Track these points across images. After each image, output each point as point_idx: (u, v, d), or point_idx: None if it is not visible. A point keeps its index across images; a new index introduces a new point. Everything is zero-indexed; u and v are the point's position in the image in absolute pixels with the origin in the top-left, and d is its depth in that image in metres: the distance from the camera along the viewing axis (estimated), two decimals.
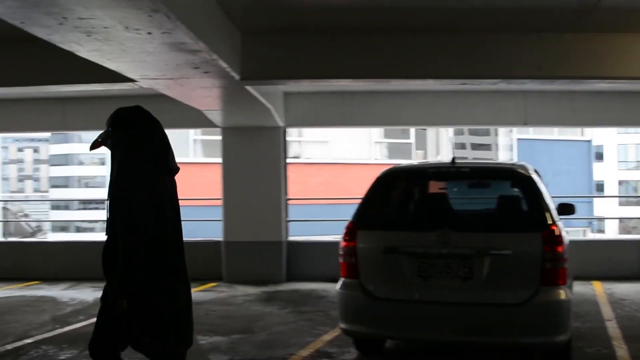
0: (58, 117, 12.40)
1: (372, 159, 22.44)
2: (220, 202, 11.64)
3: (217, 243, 11.64)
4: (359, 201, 6.02)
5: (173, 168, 3.94)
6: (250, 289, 10.48)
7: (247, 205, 11.32)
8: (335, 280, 6.35)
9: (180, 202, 4.06)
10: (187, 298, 4.03)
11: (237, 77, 7.02)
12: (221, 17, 6.43)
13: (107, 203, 3.85)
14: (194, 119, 10.74)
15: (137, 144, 3.78)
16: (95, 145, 4.02)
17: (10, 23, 4.42)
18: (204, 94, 7.89)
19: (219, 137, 11.75)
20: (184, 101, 8.53)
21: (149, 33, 4.71)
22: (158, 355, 3.94)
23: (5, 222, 47.48)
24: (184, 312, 3.95)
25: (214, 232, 11.99)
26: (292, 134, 19.95)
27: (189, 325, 3.97)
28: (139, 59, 5.56)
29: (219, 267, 11.41)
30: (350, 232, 5.73)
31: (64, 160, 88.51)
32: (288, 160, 11.95)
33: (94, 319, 8.07)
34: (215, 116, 10.20)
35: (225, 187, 11.55)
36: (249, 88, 7.62)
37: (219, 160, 11.74)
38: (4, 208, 52.18)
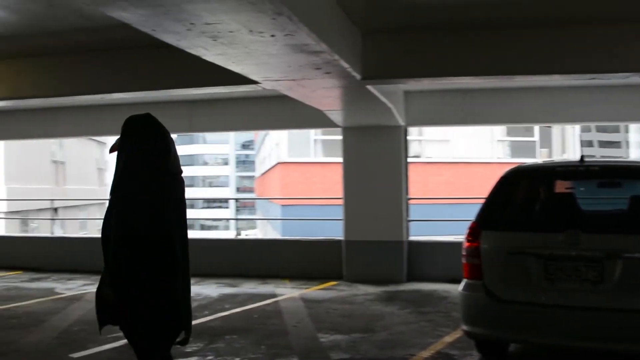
0: (185, 120, 12.87)
1: (495, 158, 21.91)
2: (340, 202, 11.71)
3: (337, 242, 11.72)
4: (482, 201, 5.88)
5: (172, 171, 4.11)
6: (370, 288, 10.49)
7: (368, 204, 11.32)
8: (456, 281, 6.25)
9: (300, 202, 4.20)
10: (184, 293, 4.29)
11: (358, 76, 7.03)
12: (341, 18, 6.46)
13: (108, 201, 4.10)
14: (315, 119, 10.86)
15: (139, 149, 4.00)
16: (112, 150, 4.18)
17: (141, 31, 4.62)
18: (325, 95, 7.95)
19: (340, 137, 11.82)
20: (305, 101, 8.63)
21: (272, 36, 4.79)
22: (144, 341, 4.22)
23: None
24: (178, 306, 4.16)
25: (334, 231, 12.07)
26: (413, 133, 19.79)
27: (179, 318, 4.18)
28: (262, 61, 5.67)
29: (339, 266, 11.49)
30: (474, 232, 5.61)
31: (189, 160, 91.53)
32: (409, 160, 11.86)
33: (219, 314, 8.35)
34: (336, 116, 10.27)
35: (346, 187, 11.60)
36: (369, 87, 7.61)
37: (340, 159, 11.80)
38: None
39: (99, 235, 4.24)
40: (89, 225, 33.50)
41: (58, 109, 13.30)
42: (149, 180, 3.99)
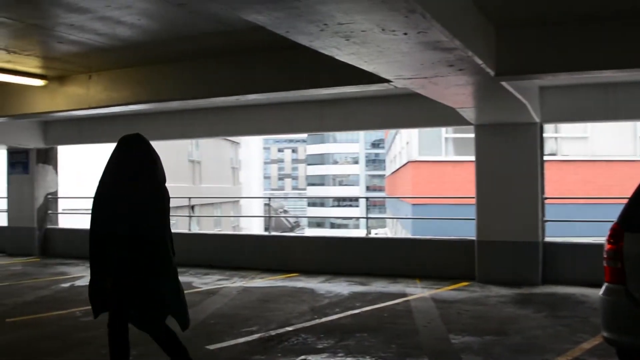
0: (316, 119, 13.04)
1: (638, 156, 20.73)
2: (473, 201, 11.48)
3: (469, 242, 11.50)
4: (624, 201, 5.57)
5: (160, 180, 5.16)
6: (503, 290, 10.21)
7: (502, 204, 11.03)
8: (595, 285, 5.97)
9: (431, 201, 4.19)
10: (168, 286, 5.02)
11: (491, 73, 6.85)
12: (474, 12, 6.32)
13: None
14: (447, 116, 10.71)
15: (129, 162, 5.05)
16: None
17: (274, 33, 4.71)
18: (457, 92, 7.80)
19: (471, 135, 11.59)
20: (437, 99, 8.51)
21: (405, 34, 4.75)
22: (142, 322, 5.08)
23: (267, 217, 51.03)
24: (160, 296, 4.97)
25: (466, 231, 11.86)
26: (549, 130, 19.08)
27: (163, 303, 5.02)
28: (395, 59, 5.63)
29: (471, 267, 11.26)
30: (616, 234, 5.32)
31: (319, 159, 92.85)
32: (544, 158, 11.44)
33: (349, 312, 8.38)
34: (469, 113, 10.07)
35: (479, 186, 11.35)
36: (504, 84, 7.40)
37: (472, 158, 11.57)
38: (266, 204, 56.02)
39: (233, 233, 4.51)
40: (223, 223, 34.67)
41: (195, 111, 13.85)
42: (135, 188, 4.91)
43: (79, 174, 25.32)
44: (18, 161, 16.29)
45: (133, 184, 4.94)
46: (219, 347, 6.98)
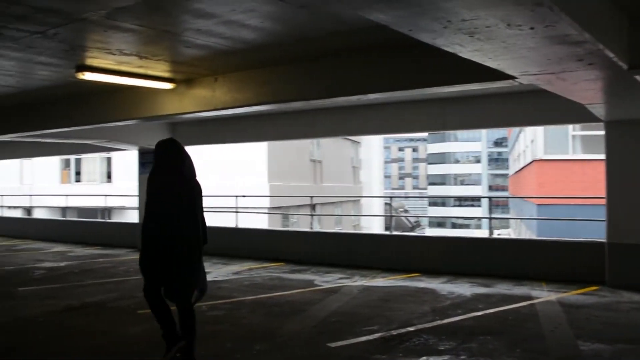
0: (438, 118, 12.87)
1: None
2: (603, 201, 10.97)
3: (599, 245, 10.99)
4: None
5: (187, 176, 6.09)
6: (636, 296, 9.70)
7: (636, 204, 10.48)
8: None
9: (557, 201, 4.03)
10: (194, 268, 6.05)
11: (624, 66, 6.51)
12: (605, 3, 6.03)
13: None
14: (574, 113, 10.27)
15: (162, 162, 6.08)
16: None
17: (395, 31, 4.67)
18: (586, 87, 7.47)
19: (602, 132, 11.08)
20: (564, 95, 8.18)
21: (532, 28, 4.59)
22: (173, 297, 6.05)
23: (388, 217, 50.91)
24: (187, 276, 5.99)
25: (595, 232, 11.35)
26: None
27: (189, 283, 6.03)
28: (520, 55, 5.46)
29: (600, 270, 10.77)
30: None
31: (440, 158, 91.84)
32: None
33: (472, 314, 8.22)
34: (599, 109, 9.62)
35: (610, 185, 10.82)
36: (638, 78, 7.03)
37: (602, 156, 11.06)
38: (386, 204, 55.94)
39: (354, 232, 4.63)
40: (344, 222, 34.91)
41: (316, 111, 14.01)
42: (167, 184, 5.96)
43: (204, 173, 26.23)
44: (148, 161, 17.02)
45: (168, 180, 5.99)
46: (340, 344, 7.03)
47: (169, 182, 5.96)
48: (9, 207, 30.06)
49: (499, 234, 35.20)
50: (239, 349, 6.90)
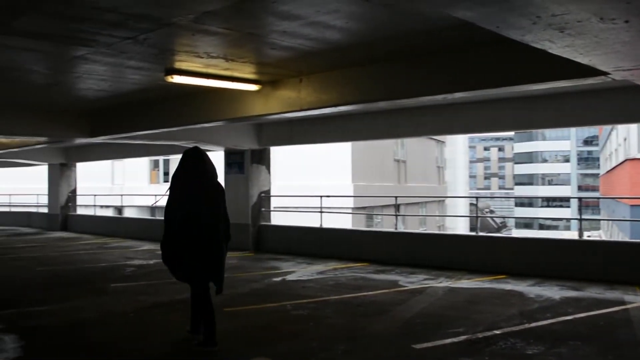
0: (525, 116, 12.57)
1: None
2: None
3: None
4: None
5: (209, 178, 6.99)
6: None
7: None
8: None
9: None
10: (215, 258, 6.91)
11: None
12: None
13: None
14: None
15: (187, 167, 6.96)
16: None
17: (479, 29, 4.59)
18: None
19: None
20: None
21: (626, 21, 4.42)
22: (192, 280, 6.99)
23: (474, 217, 50.13)
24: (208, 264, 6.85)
25: None
26: None
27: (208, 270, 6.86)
28: (613, 50, 5.27)
29: None
30: None
31: (527, 158, 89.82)
32: None
33: (561, 318, 8.01)
34: None
35: None
36: None
37: None
38: (472, 204, 55.14)
39: (439, 232, 4.60)
40: (429, 222, 34.59)
41: (401, 110, 13.92)
42: (194, 188, 6.83)
43: (289, 174, 26.49)
44: (234, 161, 17.35)
45: (191, 181, 6.87)
46: (425, 346, 6.96)
47: (192, 183, 6.87)
48: (101, 206, 31.18)
49: (589, 235, 34.13)
50: (324, 348, 6.93)
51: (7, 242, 20.64)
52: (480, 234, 14.15)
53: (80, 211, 26.55)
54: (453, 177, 51.01)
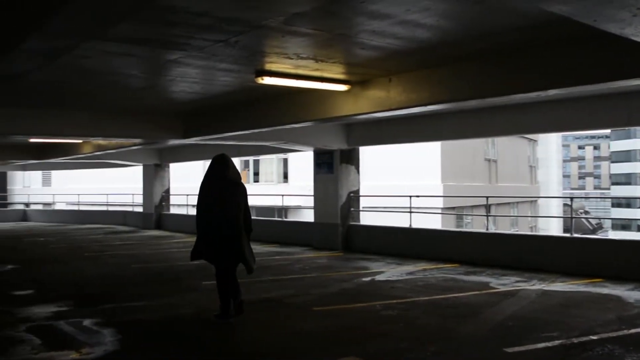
0: (621, 113, 12.09)
1: None
2: None
3: None
4: None
5: (233, 180, 8.26)
6: None
7: None
8: None
9: None
10: (241, 247, 8.14)
11: None
12: None
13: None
14: None
15: (213, 170, 8.28)
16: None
17: (573, 23, 4.45)
18: None
19: None
20: None
21: None
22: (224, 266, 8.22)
23: (567, 218, 48.65)
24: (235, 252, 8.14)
25: None
26: None
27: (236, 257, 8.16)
28: None
29: None
30: None
31: (625, 156, 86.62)
32: None
33: None
34: None
35: None
36: None
37: None
38: (566, 205, 53.56)
39: (532, 233, 4.50)
40: (520, 223, 33.84)
41: (491, 109, 13.65)
42: (218, 187, 8.14)
43: (377, 173, 26.46)
44: (324, 161, 17.45)
45: (218, 183, 8.15)
46: (517, 350, 6.80)
47: (218, 185, 8.14)
48: (193, 205, 31.89)
49: None
50: (414, 349, 6.87)
51: (105, 239, 21.45)
52: (575, 235, 13.71)
53: (173, 210, 27.33)
54: (546, 177, 49.65)
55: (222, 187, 8.15)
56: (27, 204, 39.26)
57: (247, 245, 8.26)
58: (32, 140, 19.89)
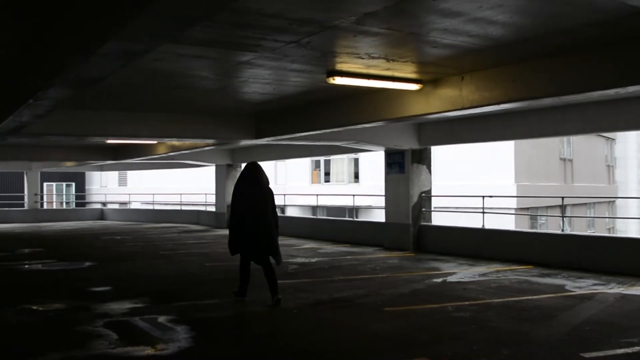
0: None
1: None
2: None
3: None
4: None
5: (264, 185, 9.40)
6: None
7: None
8: None
9: None
10: (271, 239, 9.27)
11: None
12: None
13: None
14: None
15: (245, 177, 9.47)
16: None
17: None
18: None
19: None
20: None
21: None
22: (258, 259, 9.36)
23: None
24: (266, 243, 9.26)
25: None
26: None
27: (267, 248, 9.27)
28: None
29: None
30: None
31: None
32: None
33: None
34: None
35: None
36: None
37: None
38: None
39: (609, 235, 4.42)
40: (597, 224, 32.91)
41: (568, 107, 13.31)
42: (251, 191, 9.29)
43: (448, 173, 26.19)
44: (395, 161, 17.36)
45: (250, 189, 9.33)
46: (594, 355, 6.61)
47: (250, 190, 9.31)
48: None
49: None
50: (486, 352, 6.76)
51: (179, 238, 21.88)
52: None
53: None
54: (624, 177, 48.14)
55: (254, 191, 9.31)
56: (104, 203, 40.51)
57: (275, 239, 9.29)
58: (109, 141, 20.51)
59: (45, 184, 43.81)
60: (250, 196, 9.25)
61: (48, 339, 7.47)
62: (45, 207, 39.41)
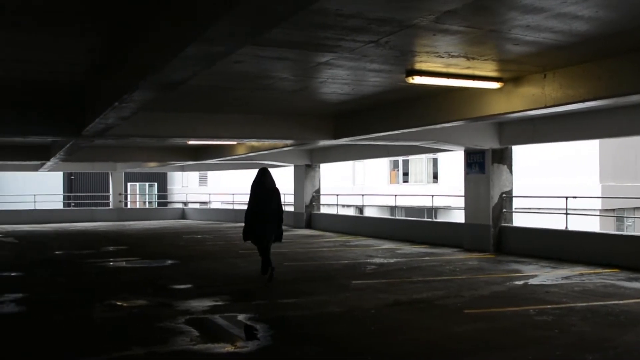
0: None
1: None
2: None
3: None
4: None
5: (270, 188, 11.88)
6: None
7: None
8: None
9: None
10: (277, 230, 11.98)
11: None
12: None
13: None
14: None
15: (256, 181, 12.04)
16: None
17: None
18: None
19: None
20: None
21: None
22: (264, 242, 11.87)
23: None
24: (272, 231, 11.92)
25: None
26: None
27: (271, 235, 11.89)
28: None
29: None
30: None
31: None
32: None
33: None
34: None
35: None
36: None
37: None
38: None
39: None
40: None
41: None
42: (261, 191, 11.86)
43: (529, 173, 25.60)
44: (475, 161, 17.09)
45: (265, 188, 11.80)
46: None
47: (264, 192, 11.75)
48: (343, 205, 32.36)
49: None
50: (570, 357, 6.58)
51: None
52: None
53: (323, 210, 27.79)
54: None
55: (264, 192, 11.77)
56: (185, 203, 41.45)
57: (279, 228, 11.93)
58: (190, 142, 20.94)
59: (129, 184, 45.25)
60: (262, 196, 11.73)
61: (132, 334, 7.69)
62: (129, 206, 40.66)
